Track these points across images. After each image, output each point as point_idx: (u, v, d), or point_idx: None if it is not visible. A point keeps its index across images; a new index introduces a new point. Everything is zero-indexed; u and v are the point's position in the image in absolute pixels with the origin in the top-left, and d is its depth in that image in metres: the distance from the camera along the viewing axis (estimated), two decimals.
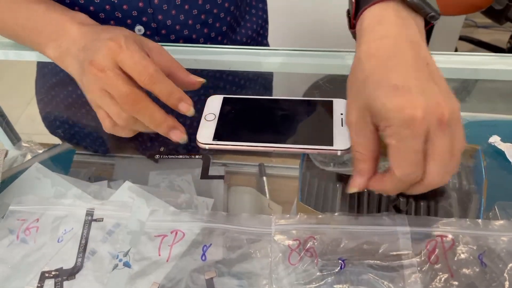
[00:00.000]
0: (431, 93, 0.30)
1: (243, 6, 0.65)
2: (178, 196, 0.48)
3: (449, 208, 0.43)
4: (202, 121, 0.43)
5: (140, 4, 0.53)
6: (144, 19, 0.54)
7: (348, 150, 0.41)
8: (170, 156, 0.65)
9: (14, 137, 0.68)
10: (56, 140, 0.75)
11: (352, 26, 0.38)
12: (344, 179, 0.50)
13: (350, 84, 0.35)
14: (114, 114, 0.37)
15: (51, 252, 0.35)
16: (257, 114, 0.43)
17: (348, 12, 0.38)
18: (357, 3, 0.35)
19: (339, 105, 0.43)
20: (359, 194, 0.48)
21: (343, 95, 0.43)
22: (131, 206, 0.38)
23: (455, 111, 0.30)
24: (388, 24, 0.33)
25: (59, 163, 0.58)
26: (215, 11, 0.57)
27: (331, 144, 0.40)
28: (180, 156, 0.64)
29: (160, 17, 0.55)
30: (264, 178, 0.64)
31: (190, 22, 0.56)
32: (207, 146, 0.41)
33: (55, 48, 0.43)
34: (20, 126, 0.71)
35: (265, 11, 0.70)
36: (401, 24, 0.34)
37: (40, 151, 0.69)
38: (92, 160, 0.70)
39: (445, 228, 0.34)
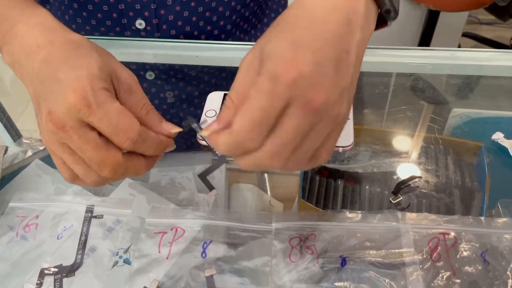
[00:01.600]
0: (323, 75, 0.26)
1: (260, 8, 0.64)
2: (178, 193, 0.47)
3: (452, 205, 0.42)
4: (203, 117, 0.42)
5: (153, 6, 0.53)
6: (146, 13, 0.54)
7: (349, 147, 0.40)
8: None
9: (15, 134, 0.68)
10: None
11: None
12: (345, 176, 0.50)
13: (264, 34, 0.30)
14: (79, 173, 0.30)
15: (51, 249, 0.35)
16: None
17: None
18: None
19: None
20: (361, 191, 0.47)
21: None
22: (131, 203, 0.38)
23: (333, 109, 0.26)
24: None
25: None
26: (220, 9, 0.57)
27: None
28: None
29: (162, 12, 0.54)
30: (265, 175, 0.64)
31: (193, 19, 0.56)
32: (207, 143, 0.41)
33: (8, 53, 0.34)
34: (21, 123, 0.71)
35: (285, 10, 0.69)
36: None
37: (41, 148, 0.69)
38: None
39: (447, 226, 0.33)
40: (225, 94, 0.45)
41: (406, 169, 0.46)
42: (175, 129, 0.33)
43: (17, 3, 0.34)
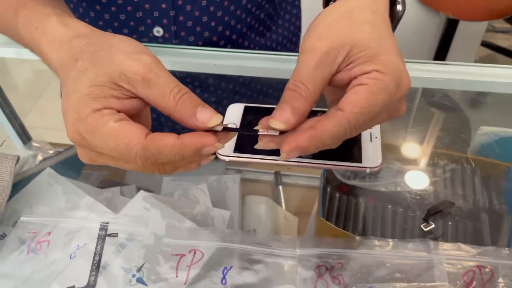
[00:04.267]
0: (403, 64, 0.28)
1: (275, 9, 0.62)
2: (193, 207, 0.46)
3: (480, 231, 0.40)
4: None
5: (163, 5, 0.51)
6: (164, 21, 0.52)
7: (377, 168, 0.38)
8: None
9: (25, 137, 0.67)
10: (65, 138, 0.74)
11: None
12: (366, 193, 0.48)
13: (333, 21, 0.29)
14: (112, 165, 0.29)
15: (63, 268, 0.33)
16: None
17: None
18: None
19: None
20: (383, 211, 0.45)
21: None
22: (147, 221, 0.37)
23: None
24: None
25: (71, 166, 0.56)
26: (238, 12, 0.55)
27: (360, 161, 0.38)
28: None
29: (181, 18, 0.53)
30: (280, 187, 0.62)
31: (212, 24, 0.54)
32: (227, 159, 0.39)
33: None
34: (29, 120, 0.70)
35: (298, 18, 0.67)
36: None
37: (51, 151, 0.68)
38: None
39: (482, 258, 0.31)
40: (245, 107, 0.43)
41: (432, 190, 0.44)
42: (213, 121, 0.28)
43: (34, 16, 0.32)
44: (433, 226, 0.35)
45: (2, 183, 0.37)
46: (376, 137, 0.39)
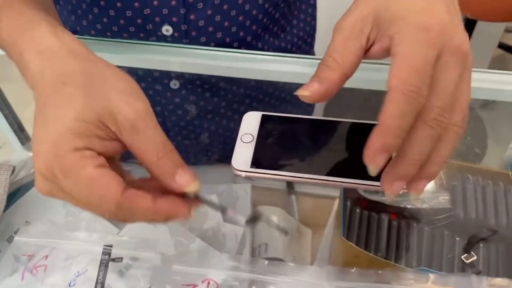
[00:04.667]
0: (456, 23, 0.26)
1: (289, 9, 0.58)
2: (202, 221, 0.42)
3: None
4: (238, 142, 0.37)
5: (173, 2, 0.47)
6: (174, 19, 0.48)
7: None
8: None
9: (23, 137, 0.63)
10: None
11: None
12: (390, 209, 0.45)
13: None
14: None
15: None
16: (301, 137, 0.37)
17: None
18: None
19: None
20: (409, 229, 0.42)
21: None
22: (153, 241, 0.33)
23: (470, 55, 0.26)
24: None
25: None
26: (254, 12, 0.51)
27: None
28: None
29: (192, 16, 0.49)
30: (293, 197, 0.59)
31: (226, 24, 0.50)
32: (243, 174, 0.35)
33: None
34: (28, 114, 0.67)
35: (314, 18, 0.63)
36: None
37: None
38: None
39: None
40: (263, 116, 0.39)
41: (462, 206, 0.40)
42: (192, 187, 0.27)
43: (24, 19, 0.29)
44: (474, 257, 0.31)
45: None
46: None
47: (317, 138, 0.37)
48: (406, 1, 0.27)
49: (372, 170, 0.27)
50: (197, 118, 0.58)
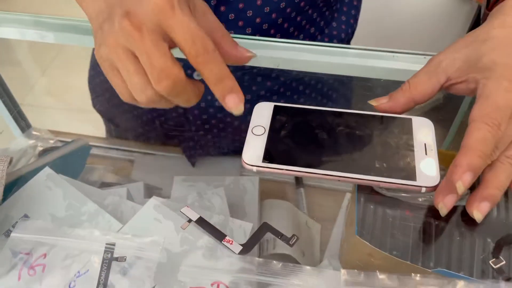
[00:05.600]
0: None
1: (329, 10, 0.55)
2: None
3: None
4: (249, 135, 0.35)
5: (213, 2, 0.45)
6: None
7: (435, 187, 0.33)
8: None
9: (24, 124, 0.61)
10: (66, 126, 0.68)
11: (489, 7, 0.40)
12: (406, 206, 0.43)
13: (460, 40, 0.35)
14: (134, 86, 0.30)
15: None
16: (317, 130, 0.35)
17: None
18: None
19: (420, 126, 0.34)
20: (425, 226, 0.40)
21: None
22: (158, 236, 0.31)
23: None
24: None
25: (73, 163, 0.51)
26: (288, 10, 0.49)
27: (414, 178, 0.32)
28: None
29: (222, 8, 0.47)
30: (302, 190, 0.57)
31: (257, 20, 0.48)
32: (254, 169, 0.33)
33: None
34: (29, 99, 0.65)
35: (356, 20, 0.60)
36: None
37: (52, 141, 0.63)
38: (108, 154, 0.63)
39: None
40: (275, 106, 0.37)
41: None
42: (251, 53, 0.35)
43: None
44: (504, 262, 0.29)
45: None
46: (432, 150, 0.33)
47: (333, 131, 0.35)
48: (497, 56, 0.32)
49: (459, 188, 0.29)
50: (221, 111, 0.56)
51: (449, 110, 0.53)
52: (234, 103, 0.31)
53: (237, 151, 0.56)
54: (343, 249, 0.47)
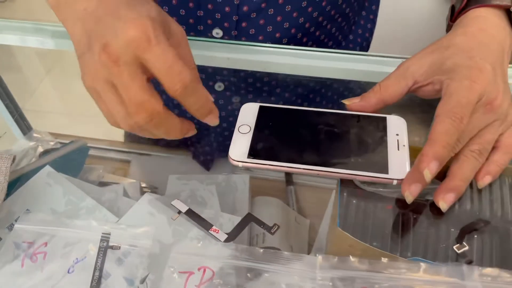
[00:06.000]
0: (498, 84, 0.34)
1: (347, 24, 0.58)
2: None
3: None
4: (235, 133, 0.37)
5: (227, 8, 0.48)
6: (225, 24, 0.49)
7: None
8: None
9: (25, 127, 0.64)
10: (66, 128, 0.71)
11: (453, 19, 0.42)
12: (387, 200, 0.45)
13: (427, 48, 0.38)
14: (117, 115, 0.31)
15: (60, 284, 0.31)
16: (299, 128, 0.38)
17: (453, 7, 0.43)
18: (468, 1, 0.40)
19: (394, 124, 0.37)
20: (405, 222, 0.42)
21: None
22: (152, 228, 0.34)
23: (506, 112, 0.35)
24: (489, 23, 0.38)
25: (72, 162, 0.53)
26: (307, 25, 0.51)
27: (386, 172, 0.35)
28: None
29: (244, 24, 0.49)
30: (292, 187, 0.59)
31: (277, 35, 0.50)
32: (240, 164, 0.36)
33: None
34: (30, 104, 0.68)
35: (371, 34, 0.63)
36: (501, 30, 0.38)
37: (52, 143, 0.65)
38: (106, 155, 0.65)
39: None
40: (260, 107, 0.40)
41: (459, 202, 0.41)
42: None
43: None
44: (466, 248, 0.32)
45: None
46: (404, 145, 0.36)
47: (313, 129, 0.37)
48: (459, 59, 0.35)
49: (426, 176, 0.32)
50: (231, 114, 0.59)
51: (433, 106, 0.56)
52: (212, 122, 0.34)
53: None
54: (328, 241, 0.49)
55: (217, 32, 0.50)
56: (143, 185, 0.57)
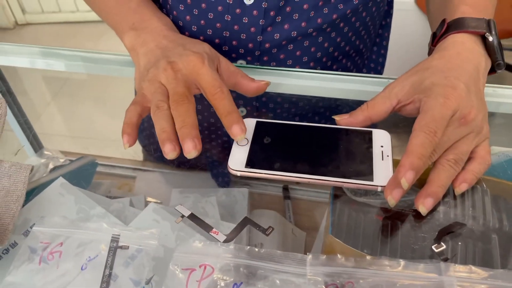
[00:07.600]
0: (471, 100, 0.38)
1: (361, 59, 0.62)
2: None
3: (490, 252, 0.40)
4: (234, 146, 0.41)
5: (250, 45, 0.52)
6: (248, 58, 0.54)
7: None
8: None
9: (36, 145, 0.67)
10: (74, 146, 0.75)
11: (434, 44, 0.46)
12: (377, 211, 0.48)
13: (410, 70, 0.42)
14: (155, 97, 0.40)
15: (74, 280, 0.34)
16: (292, 141, 0.41)
17: (435, 34, 0.47)
18: (448, 27, 0.44)
19: (379, 137, 0.41)
20: (393, 231, 0.45)
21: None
22: (157, 234, 0.37)
23: (479, 125, 0.38)
24: (465, 47, 0.41)
25: (82, 175, 0.57)
26: (324, 59, 0.56)
27: (371, 179, 0.38)
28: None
29: (265, 58, 0.54)
30: (289, 201, 0.62)
31: (296, 67, 0.55)
32: (238, 173, 0.39)
33: (133, 36, 0.47)
34: (38, 127, 0.71)
35: (383, 67, 0.68)
36: (476, 54, 0.41)
37: (62, 160, 0.69)
38: (113, 171, 0.69)
39: (494, 281, 0.31)
40: (257, 122, 0.43)
41: (442, 209, 0.44)
42: (265, 81, 0.45)
43: (148, 4, 0.50)
44: (444, 247, 0.35)
45: (16, 192, 0.38)
46: (388, 156, 0.39)
47: (306, 141, 0.41)
48: (436, 79, 0.38)
49: (403, 184, 0.35)
50: None
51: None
52: (237, 132, 0.39)
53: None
54: (322, 249, 0.52)
55: (241, 62, 0.55)
56: (148, 199, 0.60)
